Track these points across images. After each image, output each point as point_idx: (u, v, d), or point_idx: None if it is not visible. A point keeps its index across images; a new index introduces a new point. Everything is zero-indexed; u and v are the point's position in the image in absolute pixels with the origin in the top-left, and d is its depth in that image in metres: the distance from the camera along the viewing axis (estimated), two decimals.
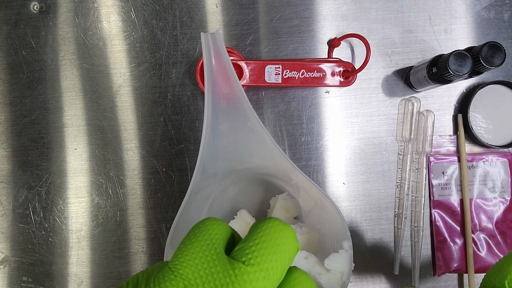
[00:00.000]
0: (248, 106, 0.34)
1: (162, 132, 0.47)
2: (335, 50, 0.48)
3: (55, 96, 0.47)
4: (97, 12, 0.47)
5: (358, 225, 0.47)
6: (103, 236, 0.46)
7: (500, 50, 0.39)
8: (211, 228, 0.19)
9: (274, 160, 0.37)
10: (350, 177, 0.48)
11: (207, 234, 0.19)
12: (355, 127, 0.48)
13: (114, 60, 0.47)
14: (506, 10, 0.48)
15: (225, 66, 0.33)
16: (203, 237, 0.19)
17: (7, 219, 0.46)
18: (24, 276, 0.46)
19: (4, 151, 0.47)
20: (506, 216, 0.47)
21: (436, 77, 0.42)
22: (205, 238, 0.19)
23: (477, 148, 0.48)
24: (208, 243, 0.18)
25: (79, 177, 0.47)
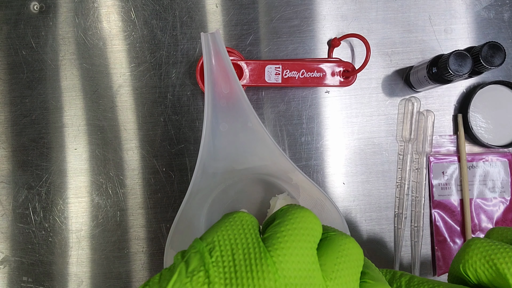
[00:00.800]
0: (248, 106, 0.34)
1: (162, 132, 0.47)
2: (335, 50, 0.48)
3: (55, 96, 0.47)
4: (97, 12, 0.47)
5: (358, 225, 0.47)
6: (103, 236, 0.46)
7: (500, 50, 0.39)
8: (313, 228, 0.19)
9: (274, 160, 0.37)
10: (350, 177, 0.48)
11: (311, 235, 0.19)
12: (355, 127, 0.48)
13: (114, 60, 0.47)
14: (506, 10, 0.48)
15: (225, 66, 0.33)
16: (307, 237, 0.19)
17: (7, 219, 0.46)
18: (24, 276, 0.46)
19: (4, 151, 0.47)
20: (506, 216, 0.47)
21: (436, 77, 0.42)
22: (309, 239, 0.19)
23: (477, 148, 0.48)
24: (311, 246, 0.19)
25: (79, 177, 0.47)
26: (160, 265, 0.47)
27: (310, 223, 0.19)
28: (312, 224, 0.19)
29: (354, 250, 0.20)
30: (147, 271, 0.46)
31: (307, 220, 0.19)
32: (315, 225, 0.19)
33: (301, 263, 0.17)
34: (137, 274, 0.46)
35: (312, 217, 0.20)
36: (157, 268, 0.47)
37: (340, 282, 0.18)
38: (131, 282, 0.46)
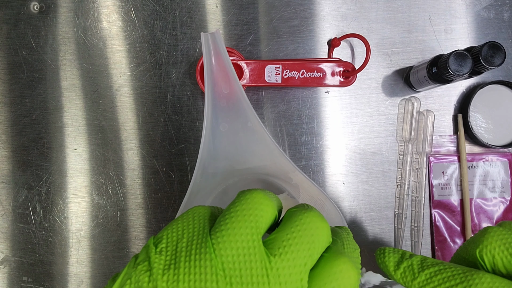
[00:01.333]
0: (248, 106, 0.34)
1: (162, 132, 0.47)
2: (335, 50, 0.48)
3: (55, 96, 0.47)
4: (97, 12, 0.47)
5: (358, 225, 0.47)
6: (103, 236, 0.46)
7: (500, 50, 0.39)
8: (259, 208, 0.19)
9: (274, 160, 0.37)
10: (350, 177, 0.48)
11: (253, 214, 0.19)
12: (355, 127, 0.48)
13: (114, 60, 0.47)
14: (506, 10, 0.48)
15: (225, 66, 0.33)
16: (249, 217, 0.19)
17: (7, 219, 0.46)
18: (24, 276, 0.46)
19: (4, 151, 0.47)
20: (506, 216, 0.47)
21: (436, 77, 0.42)
22: (251, 219, 0.19)
23: (477, 148, 0.48)
24: (253, 226, 0.19)
25: (79, 177, 0.47)
26: None
27: (256, 204, 0.19)
28: (258, 204, 0.19)
29: (311, 224, 0.19)
30: None
31: (252, 201, 0.19)
32: (261, 205, 0.19)
33: (240, 242, 0.18)
34: None
35: (259, 197, 0.20)
36: None
37: (287, 258, 0.18)
38: None
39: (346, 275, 0.19)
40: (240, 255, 0.18)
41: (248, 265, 0.17)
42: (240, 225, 0.18)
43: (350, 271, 0.19)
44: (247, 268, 0.17)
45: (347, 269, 0.19)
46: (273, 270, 0.18)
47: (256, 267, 0.17)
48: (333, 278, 0.19)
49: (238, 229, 0.18)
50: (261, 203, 0.19)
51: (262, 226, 0.19)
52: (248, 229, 0.18)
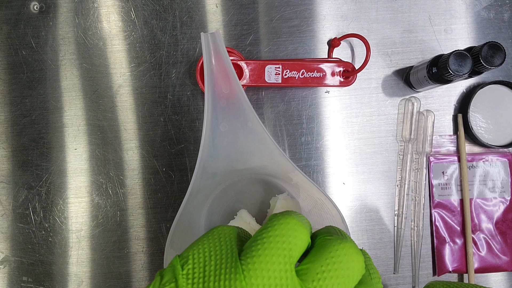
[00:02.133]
0: (248, 106, 0.34)
1: (162, 132, 0.47)
2: (335, 50, 0.48)
3: (55, 96, 0.47)
4: (97, 12, 0.47)
5: (358, 225, 0.47)
6: (103, 236, 0.46)
7: (500, 50, 0.39)
8: (292, 235, 0.18)
9: (274, 160, 0.37)
10: (350, 177, 0.48)
11: (287, 242, 0.18)
12: (355, 127, 0.48)
13: (114, 60, 0.47)
14: (506, 10, 0.48)
15: (225, 66, 0.33)
16: (283, 244, 0.18)
17: (7, 219, 0.46)
18: (24, 276, 0.46)
19: (4, 151, 0.47)
20: (506, 216, 0.47)
21: (436, 77, 0.42)
22: (284, 247, 0.18)
23: (477, 148, 0.48)
24: (286, 254, 0.18)
25: (79, 177, 0.47)
26: (160, 265, 0.47)
27: (289, 230, 0.18)
28: (292, 231, 0.18)
29: (347, 256, 0.18)
30: (147, 271, 0.46)
31: (286, 227, 0.18)
32: (295, 232, 0.18)
33: (272, 270, 0.17)
34: (137, 274, 0.46)
35: (293, 223, 0.19)
36: (157, 268, 0.47)
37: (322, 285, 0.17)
38: (131, 282, 0.46)
39: None
40: (272, 285, 0.17)
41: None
42: (272, 252, 0.17)
43: None
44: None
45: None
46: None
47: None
48: None
49: (270, 256, 0.17)
50: (295, 230, 0.18)
51: (296, 254, 0.18)
52: (281, 257, 0.17)
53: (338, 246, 0.19)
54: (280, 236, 0.18)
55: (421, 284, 0.47)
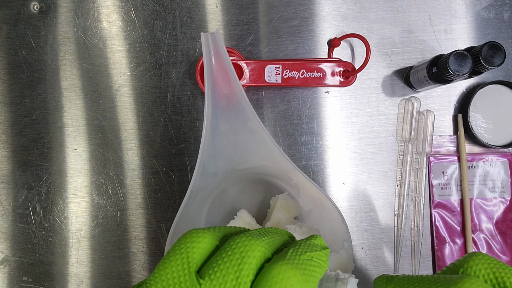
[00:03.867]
0: (248, 106, 0.34)
1: (162, 132, 0.47)
2: (335, 50, 0.48)
3: (55, 96, 0.47)
4: (97, 12, 0.47)
5: (358, 225, 0.47)
6: (103, 236, 0.46)
7: (500, 50, 0.39)
8: (190, 243, 0.20)
9: (274, 160, 0.37)
10: (350, 177, 0.48)
11: (184, 250, 0.20)
12: (355, 127, 0.48)
13: (114, 60, 0.47)
14: (506, 10, 0.48)
15: (225, 66, 0.33)
16: (181, 254, 0.20)
17: (7, 219, 0.46)
18: (24, 276, 0.46)
19: (4, 151, 0.47)
20: (506, 216, 0.47)
21: (436, 77, 0.42)
22: (182, 255, 0.20)
23: (477, 148, 0.48)
24: (184, 260, 0.20)
25: (79, 177, 0.47)
26: None
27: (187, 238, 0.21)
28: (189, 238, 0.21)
29: (240, 243, 0.20)
30: (147, 271, 0.46)
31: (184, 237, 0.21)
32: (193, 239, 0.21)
33: (170, 273, 0.19)
34: (137, 274, 0.46)
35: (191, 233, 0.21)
36: None
37: (216, 277, 0.19)
38: (131, 282, 0.46)
39: (283, 277, 0.19)
40: (170, 286, 0.19)
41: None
42: (171, 259, 0.20)
43: (288, 272, 0.19)
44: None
45: (283, 271, 0.19)
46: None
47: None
48: (269, 284, 0.19)
49: (168, 263, 0.20)
50: (193, 237, 0.21)
51: (196, 256, 0.20)
52: (178, 260, 0.20)
53: (232, 239, 0.21)
54: (177, 246, 0.20)
55: None
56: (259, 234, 0.22)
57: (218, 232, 0.22)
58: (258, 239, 0.21)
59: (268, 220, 0.42)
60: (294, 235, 0.36)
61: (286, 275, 0.19)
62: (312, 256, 0.21)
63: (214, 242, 0.21)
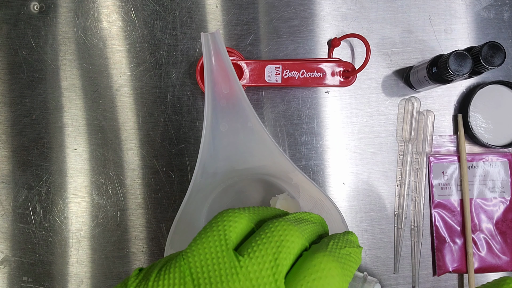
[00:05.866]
0: (248, 106, 0.34)
1: (162, 132, 0.47)
2: (335, 50, 0.48)
3: (55, 96, 0.47)
4: (97, 12, 0.47)
5: (358, 225, 0.47)
6: (103, 236, 0.46)
7: (500, 50, 0.39)
8: (227, 222, 0.20)
9: (274, 160, 0.37)
10: (350, 177, 0.48)
11: (221, 227, 0.20)
12: (355, 127, 0.48)
13: (114, 60, 0.47)
14: (506, 10, 0.48)
15: (225, 66, 0.33)
16: (218, 230, 0.20)
17: (7, 219, 0.46)
18: (24, 276, 0.46)
19: (4, 151, 0.47)
20: (506, 216, 0.47)
21: (436, 77, 0.42)
22: (219, 232, 0.20)
23: (477, 148, 0.48)
24: (221, 237, 0.20)
25: (79, 177, 0.47)
26: None
27: (224, 217, 0.21)
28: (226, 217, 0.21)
29: (279, 227, 0.20)
30: None
31: (220, 216, 0.21)
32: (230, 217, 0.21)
33: (208, 248, 0.19)
34: None
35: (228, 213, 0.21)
36: None
37: (255, 256, 0.19)
38: None
39: (325, 267, 0.19)
40: (208, 259, 0.19)
41: (217, 267, 0.19)
42: (208, 234, 0.20)
43: (330, 263, 0.19)
44: (216, 270, 0.19)
45: (325, 262, 0.19)
46: (242, 269, 0.18)
47: (225, 268, 0.19)
48: (310, 272, 0.19)
49: (206, 238, 0.20)
50: (229, 216, 0.21)
51: (232, 235, 0.20)
52: (216, 236, 0.20)
53: (271, 223, 0.21)
54: (215, 223, 0.21)
55: (421, 284, 0.47)
56: (296, 220, 0.22)
57: (253, 213, 0.22)
58: (297, 225, 0.21)
59: None
60: None
61: (327, 266, 0.19)
62: (350, 252, 0.22)
63: (250, 224, 0.21)
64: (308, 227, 0.22)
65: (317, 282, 0.19)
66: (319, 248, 0.21)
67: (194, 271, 0.19)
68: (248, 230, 0.21)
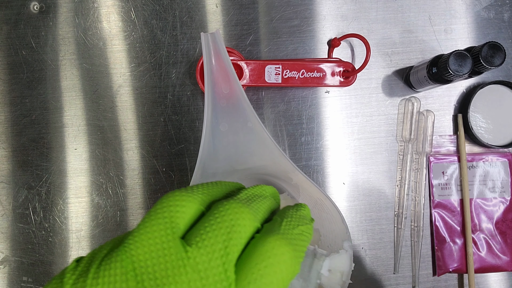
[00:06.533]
0: (248, 106, 0.34)
1: (162, 132, 0.47)
2: (335, 50, 0.48)
3: (55, 96, 0.47)
4: (97, 12, 0.47)
5: (358, 225, 0.47)
6: (103, 236, 0.46)
7: (500, 50, 0.39)
8: (173, 207, 0.19)
9: (274, 160, 0.37)
10: (350, 177, 0.48)
11: (167, 213, 0.18)
12: (355, 127, 0.48)
13: (114, 60, 0.47)
14: (506, 10, 0.48)
15: (225, 66, 0.33)
16: (163, 217, 0.18)
17: (7, 219, 0.46)
18: (24, 276, 0.46)
19: (4, 151, 0.47)
20: (506, 216, 0.47)
21: (436, 77, 0.42)
22: (165, 219, 0.18)
23: (477, 148, 0.48)
24: (167, 225, 0.18)
25: (79, 177, 0.47)
26: None
27: (170, 201, 0.19)
28: (172, 201, 0.19)
29: (229, 210, 0.19)
30: None
31: (166, 200, 0.19)
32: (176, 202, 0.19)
33: (152, 239, 0.18)
34: None
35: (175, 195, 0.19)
36: None
37: (204, 245, 0.17)
38: None
39: (277, 252, 0.18)
40: (152, 252, 0.17)
41: (162, 260, 0.17)
42: (152, 222, 0.18)
43: (282, 247, 0.18)
44: (161, 263, 0.17)
45: (278, 246, 0.18)
46: (190, 260, 0.17)
47: (171, 260, 0.17)
48: (261, 259, 0.18)
49: (150, 227, 0.18)
50: (176, 199, 0.19)
51: (180, 222, 0.18)
52: (161, 225, 0.18)
53: (221, 205, 0.19)
54: (160, 209, 0.19)
55: (421, 284, 0.47)
56: (248, 199, 0.21)
57: (202, 194, 0.20)
58: (248, 206, 0.20)
59: None
60: None
61: (279, 251, 0.18)
62: (303, 230, 0.21)
63: (199, 207, 0.20)
64: (261, 205, 0.21)
65: (269, 269, 0.18)
66: (271, 229, 0.20)
67: (138, 265, 0.17)
68: (198, 214, 0.20)
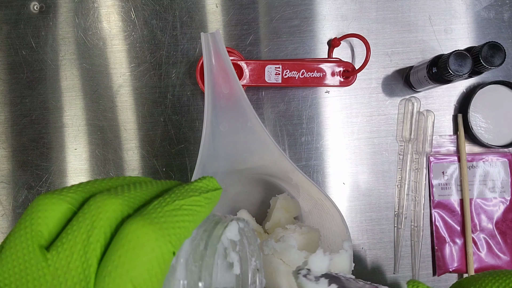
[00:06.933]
0: (248, 106, 0.34)
1: (162, 132, 0.47)
2: (335, 50, 0.48)
3: (55, 96, 0.47)
4: (97, 12, 0.47)
5: (358, 225, 0.47)
6: None
7: (500, 50, 0.39)
8: (35, 213, 0.17)
9: (274, 160, 0.37)
10: (350, 177, 0.48)
11: (29, 222, 0.17)
12: (355, 127, 0.48)
13: (114, 60, 0.47)
14: (506, 10, 0.48)
15: (225, 66, 0.33)
16: (25, 227, 0.17)
17: (7, 219, 0.46)
18: None
19: (4, 151, 0.47)
20: (506, 216, 0.47)
21: (436, 77, 0.42)
22: (26, 225, 0.17)
23: (477, 148, 0.48)
24: (28, 231, 0.17)
25: (79, 177, 0.47)
26: None
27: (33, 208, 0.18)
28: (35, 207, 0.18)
29: (92, 206, 0.17)
30: None
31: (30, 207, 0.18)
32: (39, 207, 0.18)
33: (15, 253, 0.17)
34: None
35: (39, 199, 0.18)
36: None
37: (63, 249, 0.16)
38: None
39: (133, 235, 0.16)
40: (15, 267, 0.16)
41: (24, 274, 0.16)
42: (15, 236, 0.17)
43: (141, 229, 0.16)
44: (22, 278, 0.16)
45: (135, 229, 0.16)
46: (50, 268, 0.16)
47: (32, 272, 0.16)
48: (117, 246, 0.16)
49: (13, 241, 0.17)
50: (39, 205, 0.17)
51: (41, 228, 0.17)
52: (22, 237, 0.17)
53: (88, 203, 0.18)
54: (23, 218, 0.17)
55: None
56: (123, 190, 0.19)
57: (75, 193, 0.18)
58: (117, 196, 0.18)
59: (268, 220, 0.42)
60: (294, 235, 0.36)
61: (136, 234, 0.16)
62: (182, 204, 0.18)
63: (69, 208, 0.18)
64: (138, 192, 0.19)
65: (124, 258, 0.16)
66: (137, 213, 0.17)
67: (2, 284, 0.16)
68: (70, 215, 0.18)
